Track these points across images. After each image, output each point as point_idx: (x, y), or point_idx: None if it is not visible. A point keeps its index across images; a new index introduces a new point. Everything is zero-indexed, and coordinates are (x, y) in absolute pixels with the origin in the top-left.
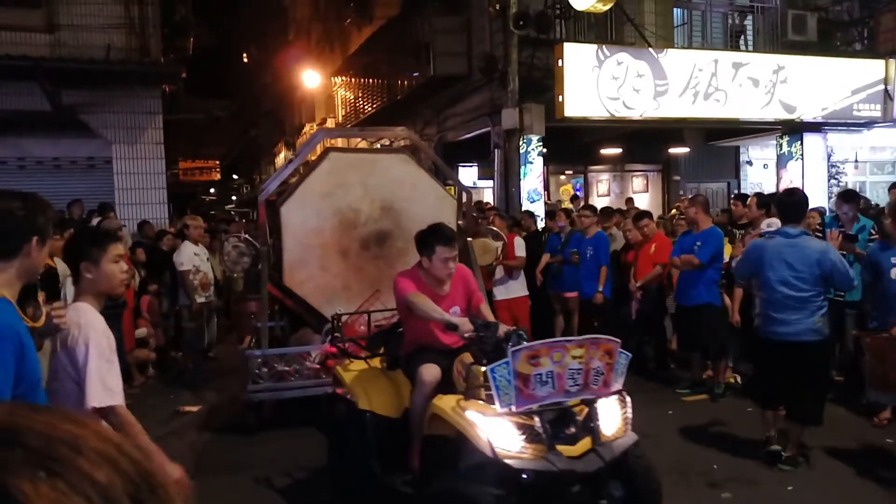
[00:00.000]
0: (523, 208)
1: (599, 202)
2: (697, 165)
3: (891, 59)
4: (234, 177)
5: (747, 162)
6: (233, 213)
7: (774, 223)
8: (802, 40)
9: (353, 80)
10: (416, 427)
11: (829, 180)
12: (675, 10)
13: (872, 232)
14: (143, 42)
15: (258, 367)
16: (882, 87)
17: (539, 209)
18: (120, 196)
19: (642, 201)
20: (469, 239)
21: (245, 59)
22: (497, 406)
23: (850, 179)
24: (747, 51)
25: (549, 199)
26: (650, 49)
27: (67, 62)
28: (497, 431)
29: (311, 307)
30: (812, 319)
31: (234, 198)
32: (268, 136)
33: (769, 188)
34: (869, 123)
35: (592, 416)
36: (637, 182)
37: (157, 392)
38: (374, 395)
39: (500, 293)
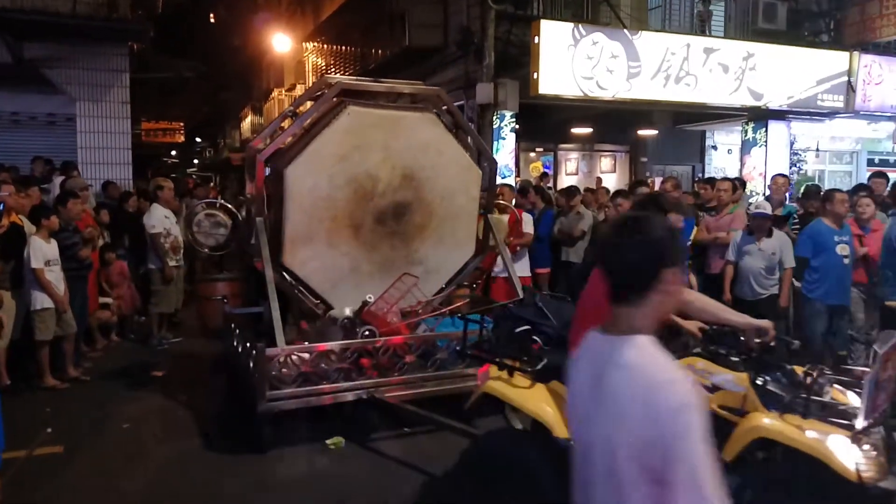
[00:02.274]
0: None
1: (568, 181)
2: (664, 148)
3: (855, 52)
4: (198, 140)
5: (712, 146)
6: (194, 176)
7: (763, 205)
8: (772, 28)
9: (324, 46)
10: None
11: (790, 167)
12: None
13: (796, 217)
14: None
15: (278, 368)
16: (846, 78)
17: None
18: (83, 155)
19: (610, 181)
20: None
21: (213, 20)
22: (860, 422)
23: (811, 167)
24: (719, 37)
25: (518, 175)
26: (625, 30)
27: (31, 14)
28: (857, 453)
29: (309, 292)
30: None
31: (196, 161)
32: (234, 100)
33: (732, 172)
34: (832, 113)
35: None
36: (605, 162)
37: (121, 356)
38: (561, 418)
39: (501, 271)
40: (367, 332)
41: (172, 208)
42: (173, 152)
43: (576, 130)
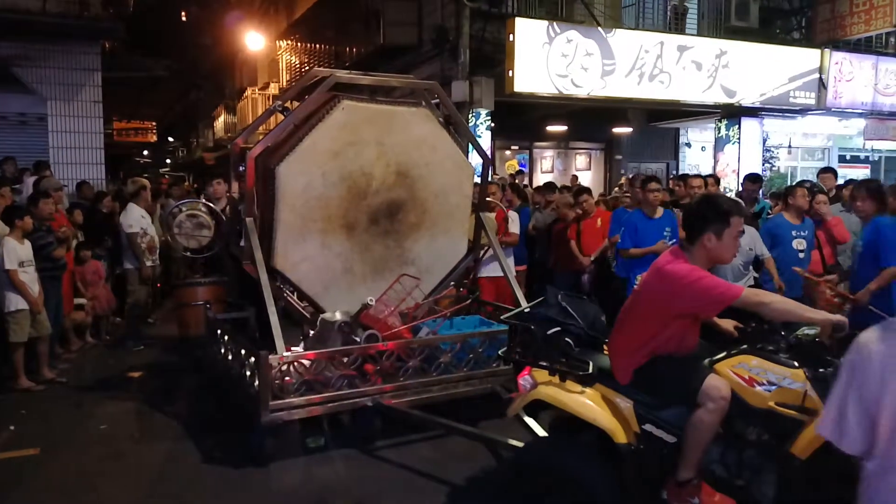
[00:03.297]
0: None
1: (543, 178)
2: (639, 145)
3: (826, 49)
4: (171, 139)
5: (686, 144)
6: (167, 176)
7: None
8: (745, 26)
9: (298, 44)
10: (696, 454)
11: (763, 164)
12: None
13: (770, 212)
14: None
15: (280, 376)
16: (817, 75)
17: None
18: (55, 155)
19: (585, 179)
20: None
21: (185, 19)
22: None
23: (783, 164)
24: (692, 34)
25: (495, 173)
26: (599, 28)
27: (0, 12)
28: None
29: (300, 295)
30: None
31: (168, 161)
32: (207, 99)
33: (706, 170)
34: (803, 110)
35: None
36: (580, 160)
37: (96, 357)
38: (620, 423)
39: (486, 271)
40: (370, 336)
41: (146, 208)
42: (145, 152)
43: (551, 128)
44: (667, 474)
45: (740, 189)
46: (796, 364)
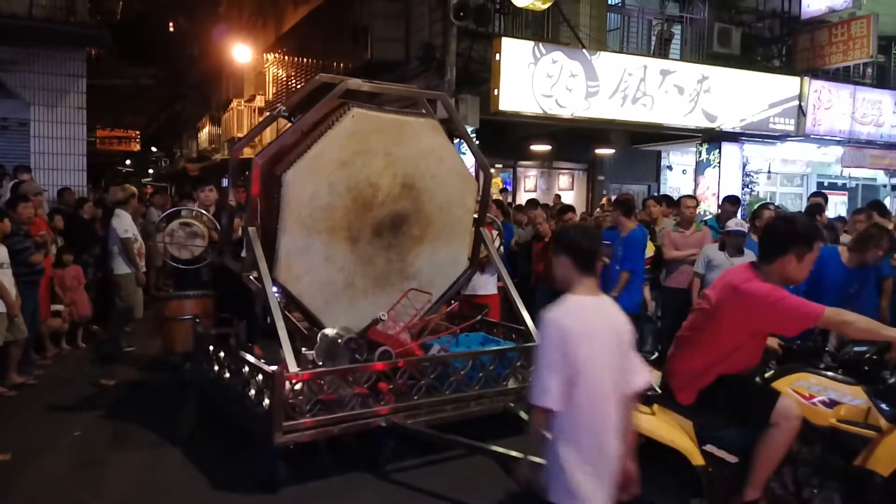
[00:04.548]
0: None
1: (526, 197)
2: (621, 167)
3: (805, 77)
4: (153, 150)
5: (667, 167)
6: (149, 186)
7: (741, 223)
8: (726, 53)
9: (286, 58)
10: (765, 474)
11: (742, 189)
12: (608, 14)
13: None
14: (69, 1)
15: (294, 395)
16: (796, 102)
17: None
18: (37, 160)
19: (567, 199)
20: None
21: (171, 29)
22: None
23: (763, 189)
24: (675, 58)
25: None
26: (584, 50)
27: None
28: None
29: (301, 310)
30: None
31: (150, 171)
32: (192, 110)
33: (686, 192)
34: (783, 136)
35: None
36: (563, 180)
37: (72, 364)
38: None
39: (479, 289)
40: (383, 353)
41: (133, 216)
42: (128, 161)
43: (535, 147)
44: (728, 496)
45: (718, 210)
46: (853, 381)
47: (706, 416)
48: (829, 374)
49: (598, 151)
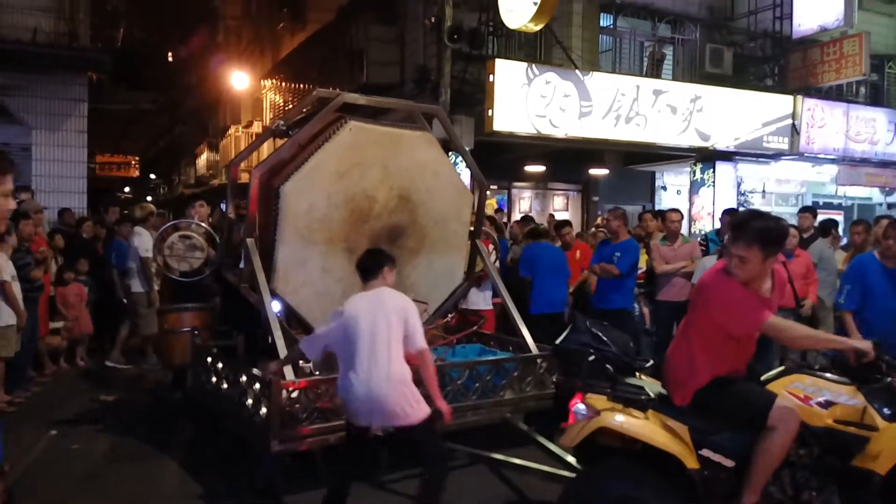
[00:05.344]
0: None
1: None
2: (615, 188)
3: (798, 96)
4: (152, 176)
5: (662, 187)
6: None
7: None
8: (719, 73)
9: (283, 84)
10: (764, 477)
11: (738, 207)
12: (601, 36)
13: None
14: (71, 27)
15: (290, 403)
16: (790, 121)
17: None
18: (38, 183)
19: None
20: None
21: (170, 58)
22: None
23: (758, 208)
24: (667, 79)
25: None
26: (577, 71)
27: None
28: None
29: (297, 321)
30: None
31: (149, 198)
32: (190, 136)
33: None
34: (777, 155)
35: None
36: (558, 201)
37: (70, 382)
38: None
39: (472, 303)
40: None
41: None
42: (126, 188)
43: (529, 169)
44: (725, 499)
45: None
46: (848, 381)
47: (702, 419)
48: (825, 374)
49: (593, 172)
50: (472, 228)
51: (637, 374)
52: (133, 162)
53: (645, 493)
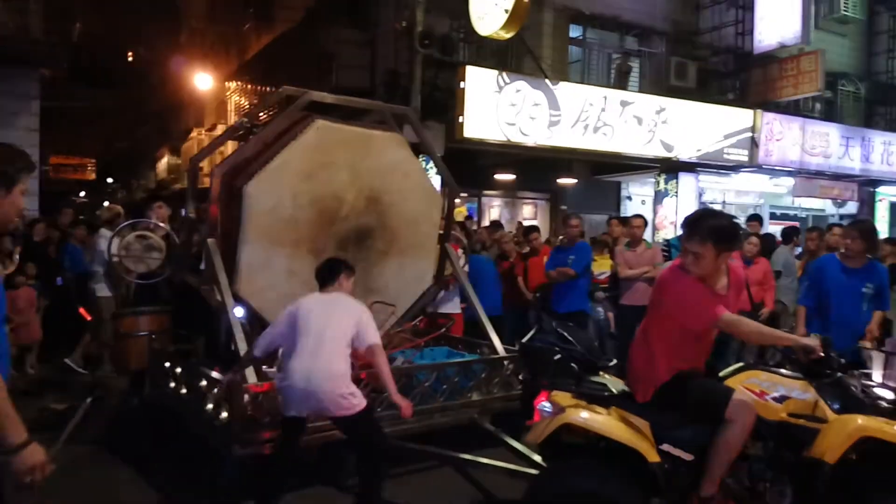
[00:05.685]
0: None
1: None
2: (583, 197)
3: (758, 110)
4: (110, 180)
5: (627, 197)
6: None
7: None
8: (683, 86)
9: (248, 86)
10: (721, 470)
11: None
12: (570, 47)
13: None
14: (23, 20)
15: (253, 407)
16: (750, 134)
17: None
18: None
19: None
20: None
21: (131, 57)
22: None
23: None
24: (634, 91)
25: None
26: (546, 80)
27: None
28: None
29: (262, 325)
30: None
31: (106, 203)
32: (151, 139)
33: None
34: (737, 167)
35: None
36: (527, 209)
37: (18, 390)
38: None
39: (443, 308)
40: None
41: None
42: (82, 193)
43: (499, 177)
44: (685, 493)
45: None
46: (801, 376)
47: (662, 414)
48: (780, 371)
49: (561, 181)
50: (441, 232)
51: (601, 373)
52: (90, 165)
53: (608, 489)
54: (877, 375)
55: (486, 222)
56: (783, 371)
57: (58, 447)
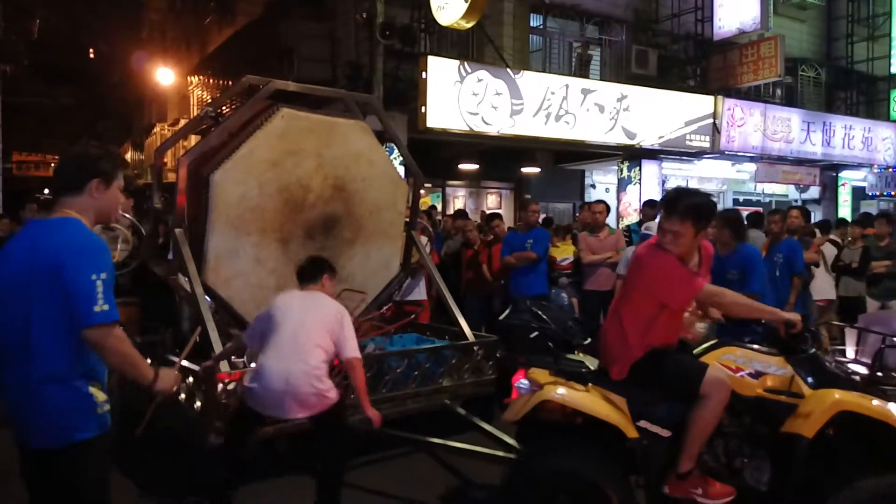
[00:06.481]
0: None
1: None
2: (547, 186)
3: (719, 96)
4: None
5: (591, 185)
6: None
7: (652, 227)
8: (644, 74)
9: (210, 80)
10: (698, 445)
11: (657, 201)
12: (531, 36)
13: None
14: None
15: (227, 396)
16: (711, 120)
17: None
18: None
19: None
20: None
21: (93, 53)
22: None
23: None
24: (595, 79)
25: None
26: (508, 69)
27: None
28: None
29: (230, 314)
30: None
31: None
32: (113, 135)
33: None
34: (699, 153)
35: None
36: (491, 199)
37: None
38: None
39: (409, 295)
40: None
41: None
42: (46, 190)
43: (463, 167)
44: (663, 469)
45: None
46: (776, 352)
47: (638, 391)
48: (755, 346)
49: (525, 171)
50: (407, 220)
51: (576, 351)
52: (53, 162)
53: (587, 467)
54: (850, 352)
55: (450, 212)
56: (758, 347)
57: None
